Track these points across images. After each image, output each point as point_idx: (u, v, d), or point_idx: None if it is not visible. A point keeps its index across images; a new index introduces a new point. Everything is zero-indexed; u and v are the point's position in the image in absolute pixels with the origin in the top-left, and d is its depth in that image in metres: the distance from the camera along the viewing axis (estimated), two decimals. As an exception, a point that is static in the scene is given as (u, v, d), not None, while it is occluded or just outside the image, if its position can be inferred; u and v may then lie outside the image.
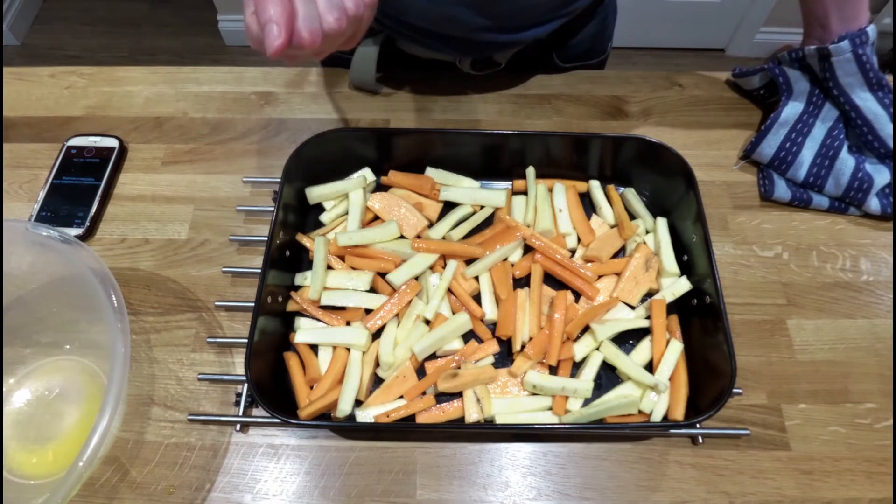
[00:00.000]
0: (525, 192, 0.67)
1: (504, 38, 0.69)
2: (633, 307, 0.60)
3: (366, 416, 0.54)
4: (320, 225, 0.66)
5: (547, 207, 0.64)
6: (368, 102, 0.78)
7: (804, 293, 0.63)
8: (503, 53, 0.75)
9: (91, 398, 0.56)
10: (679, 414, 0.53)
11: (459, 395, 0.55)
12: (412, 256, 0.61)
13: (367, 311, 0.59)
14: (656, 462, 0.54)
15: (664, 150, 0.63)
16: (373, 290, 0.61)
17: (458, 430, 0.57)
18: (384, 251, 0.62)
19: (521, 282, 0.62)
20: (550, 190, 0.66)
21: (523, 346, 0.57)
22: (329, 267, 0.62)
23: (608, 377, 0.58)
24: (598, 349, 0.57)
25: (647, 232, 0.65)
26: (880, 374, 0.59)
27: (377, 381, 0.57)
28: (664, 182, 0.64)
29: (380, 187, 0.68)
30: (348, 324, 0.59)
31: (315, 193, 0.65)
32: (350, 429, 0.56)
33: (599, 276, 0.62)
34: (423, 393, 0.56)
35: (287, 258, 0.61)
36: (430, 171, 0.67)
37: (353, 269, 0.62)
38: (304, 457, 0.55)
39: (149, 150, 0.73)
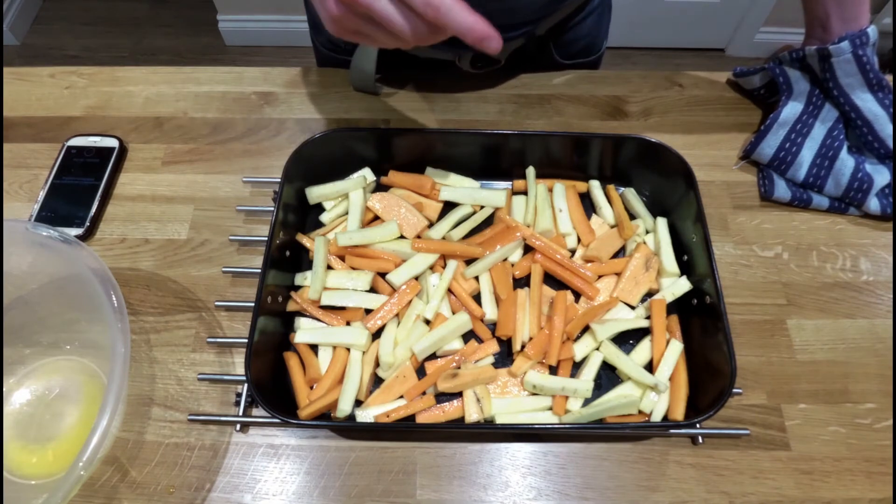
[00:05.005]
0: (525, 192, 0.67)
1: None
2: (633, 307, 0.60)
3: (366, 416, 0.54)
4: (320, 225, 0.66)
5: (547, 207, 0.64)
6: (368, 102, 0.78)
7: (804, 293, 0.63)
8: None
9: (91, 398, 0.56)
10: (679, 414, 0.53)
11: (459, 395, 0.55)
12: (412, 256, 0.61)
13: (367, 311, 0.59)
14: (656, 462, 0.54)
15: (664, 150, 0.63)
16: (373, 290, 0.61)
17: (458, 430, 0.57)
18: (384, 251, 0.62)
19: (521, 282, 0.62)
20: (550, 190, 0.66)
21: (523, 346, 0.57)
22: (329, 267, 0.62)
23: (608, 377, 0.58)
24: (598, 349, 0.57)
25: (647, 232, 0.65)
26: (880, 374, 0.59)
27: (377, 381, 0.57)
28: (664, 182, 0.64)
29: (380, 187, 0.68)
30: (348, 324, 0.59)
31: (315, 193, 0.65)
32: (350, 429, 0.56)
33: (599, 276, 0.62)
34: (423, 393, 0.56)
35: (287, 258, 0.61)
36: (430, 171, 0.67)
37: (353, 269, 0.62)
38: (304, 457, 0.55)
39: (149, 150, 0.73)
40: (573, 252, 0.64)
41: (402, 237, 0.63)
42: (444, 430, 0.56)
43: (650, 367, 0.57)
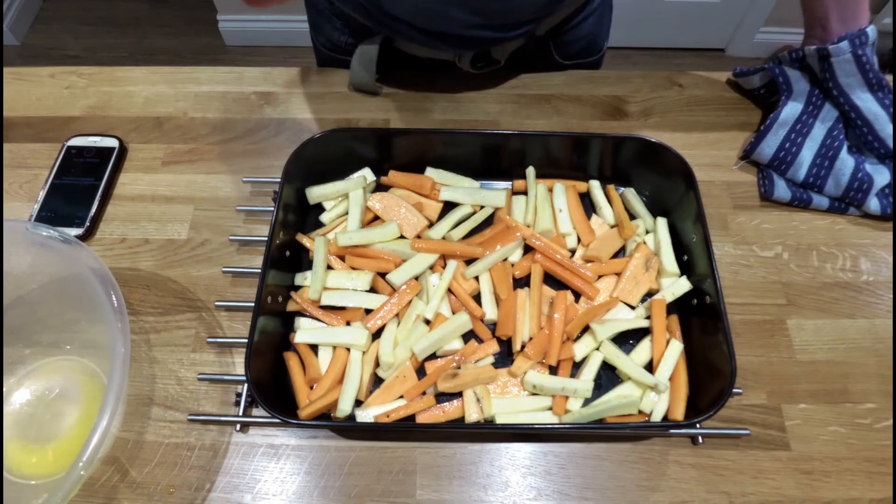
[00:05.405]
0: (525, 192, 0.67)
1: (498, 35, 0.69)
2: (633, 307, 0.60)
3: (366, 416, 0.54)
4: (320, 225, 0.66)
5: (547, 207, 0.64)
6: (368, 102, 0.78)
7: (804, 293, 0.63)
8: (501, 49, 0.75)
9: (91, 398, 0.56)
10: (679, 414, 0.53)
11: (459, 395, 0.55)
12: (412, 256, 0.61)
13: (367, 311, 0.59)
14: (656, 462, 0.54)
15: (664, 150, 0.63)
16: (373, 290, 0.61)
17: (458, 430, 0.57)
18: (384, 251, 0.62)
19: (521, 282, 0.62)
20: (550, 190, 0.66)
21: (523, 346, 0.57)
22: (329, 267, 0.62)
23: (608, 377, 0.58)
24: (598, 349, 0.57)
25: (647, 232, 0.65)
26: (880, 374, 0.59)
27: (377, 381, 0.57)
28: (664, 182, 0.64)
29: (380, 187, 0.68)
30: (348, 324, 0.59)
31: (315, 193, 0.65)
32: (350, 429, 0.56)
33: (599, 276, 0.62)
34: (423, 393, 0.56)
35: (287, 258, 0.61)
36: (430, 171, 0.67)
37: (353, 269, 0.62)
38: (304, 457, 0.55)
39: (149, 150, 0.73)
40: (573, 252, 0.64)
41: (402, 237, 0.63)
42: (444, 430, 0.56)
43: (650, 367, 0.57)
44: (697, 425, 0.55)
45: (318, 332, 0.58)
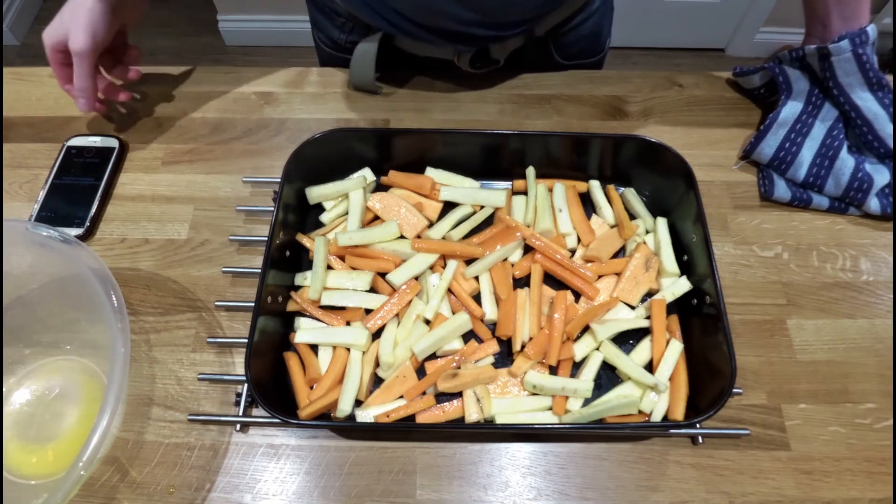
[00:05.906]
0: (525, 192, 0.67)
1: (496, 33, 0.70)
2: (633, 307, 0.60)
3: (366, 416, 0.54)
4: (320, 225, 0.66)
5: (547, 207, 0.64)
6: (368, 102, 0.78)
7: (804, 293, 0.63)
8: (500, 48, 0.75)
9: (91, 398, 0.56)
10: (679, 414, 0.53)
11: (459, 395, 0.55)
12: (412, 256, 0.61)
13: (367, 311, 0.59)
14: (656, 462, 0.54)
15: (664, 150, 0.63)
16: (373, 290, 0.61)
17: (458, 430, 0.57)
18: (384, 251, 0.62)
19: (521, 282, 0.62)
20: (550, 190, 0.66)
21: (523, 346, 0.57)
22: (329, 267, 0.62)
23: (608, 377, 0.58)
24: (598, 349, 0.57)
25: (647, 232, 0.65)
26: (880, 374, 0.59)
27: (377, 381, 0.57)
28: (664, 182, 0.64)
29: (380, 187, 0.68)
30: (348, 324, 0.59)
31: (315, 193, 0.65)
32: (350, 429, 0.56)
33: (599, 276, 0.62)
34: (423, 393, 0.56)
35: (287, 258, 0.61)
36: (430, 171, 0.67)
37: (353, 269, 0.62)
38: (304, 457, 0.55)
39: (149, 150, 0.73)
40: (573, 252, 0.64)
41: (402, 237, 0.63)
42: (444, 430, 0.56)
43: (650, 367, 0.57)
44: (697, 425, 0.55)
45: (318, 332, 0.58)
